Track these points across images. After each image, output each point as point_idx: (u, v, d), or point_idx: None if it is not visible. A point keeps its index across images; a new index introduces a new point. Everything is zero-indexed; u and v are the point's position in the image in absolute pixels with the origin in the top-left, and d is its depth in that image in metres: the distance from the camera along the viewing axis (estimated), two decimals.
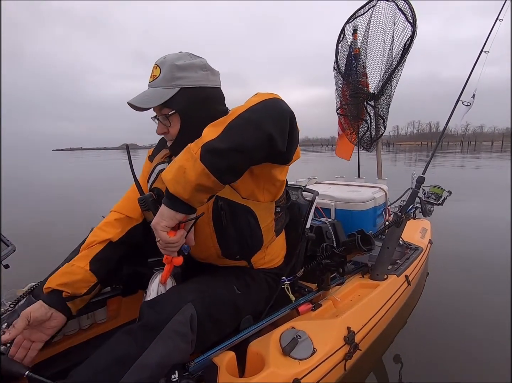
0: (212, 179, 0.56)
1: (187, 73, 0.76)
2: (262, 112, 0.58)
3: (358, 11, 1.99)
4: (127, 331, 0.66)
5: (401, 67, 1.78)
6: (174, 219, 0.60)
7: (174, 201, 0.59)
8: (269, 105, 0.60)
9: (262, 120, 0.57)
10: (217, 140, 0.56)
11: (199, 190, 0.57)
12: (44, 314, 0.73)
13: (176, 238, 0.62)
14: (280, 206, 0.90)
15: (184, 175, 0.56)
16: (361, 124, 2.16)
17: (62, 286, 0.76)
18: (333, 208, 1.50)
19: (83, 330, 1.05)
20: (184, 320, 0.67)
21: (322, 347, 0.86)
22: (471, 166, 10.73)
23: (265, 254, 0.93)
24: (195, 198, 0.59)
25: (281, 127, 0.59)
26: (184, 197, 0.58)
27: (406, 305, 1.50)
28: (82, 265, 0.80)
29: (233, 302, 0.82)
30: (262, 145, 0.57)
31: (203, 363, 0.75)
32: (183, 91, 0.76)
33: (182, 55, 0.79)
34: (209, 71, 0.79)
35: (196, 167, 0.55)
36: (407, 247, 1.69)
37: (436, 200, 1.42)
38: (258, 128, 0.56)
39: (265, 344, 0.82)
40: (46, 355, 0.93)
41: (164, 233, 0.61)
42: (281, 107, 0.60)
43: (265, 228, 0.85)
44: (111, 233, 0.85)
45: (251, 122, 0.57)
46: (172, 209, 0.59)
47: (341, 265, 0.98)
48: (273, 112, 0.59)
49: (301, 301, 1.03)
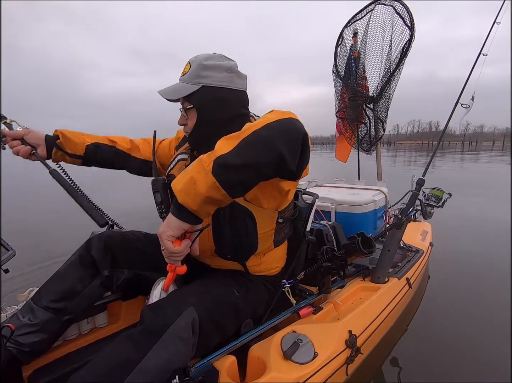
0: (222, 192, 0.57)
1: (211, 72, 0.80)
2: (277, 131, 0.59)
3: (356, 15, 2.01)
4: (127, 336, 0.66)
5: (399, 70, 1.79)
6: (180, 229, 0.61)
7: (181, 211, 0.59)
8: (283, 124, 0.60)
9: (275, 139, 0.58)
10: (230, 154, 0.57)
11: (208, 202, 0.58)
12: (39, 137, 0.95)
13: (181, 248, 0.63)
14: (284, 217, 0.89)
15: (194, 187, 0.57)
16: (360, 127, 2.17)
17: (61, 135, 0.96)
18: (333, 211, 1.50)
19: (83, 334, 1.05)
20: (185, 325, 0.67)
21: (323, 351, 0.86)
22: (473, 166, 10.72)
23: (260, 261, 0.92)
24: (203, 209, 0.59)
25: (293, 147, 0.60)
26: (192, 208, 0.58)
27: (407, 308, 1.50)
28: (87, 140, 1.00)
29: (233, 304, 0.82)
30: (273, 163, 0.58)
31: (204, 368, 0.75)
32: (204, 89, 0.80)
33: (213, 56, 0.83)
34: (234, 74, 0.82)
35: (207, 180, 0.56)
36: (408, 250, 1.69)
37: (436, 202, 1.42)
38: (271, 147, 0.57)
39: (266, 348, 0.82)
40: (46, 360, 0.92)
41: (170, 242, 0.62)
42: (295, 127, 0.61)
43: (263, 235, 0.85)
44: (122, 142, 1.06)
45: (265, 140, 0.58)
46: (179, 219, 0.60)
47: (341, 268, 0.98)
48: (287, 132, 0.60)
49: (302, 305, 1.02)
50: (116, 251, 0.93)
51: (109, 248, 0.93)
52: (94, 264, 0.91)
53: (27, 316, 0.81)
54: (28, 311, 0.83)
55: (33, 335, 0.79)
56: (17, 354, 0.77)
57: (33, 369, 0.89)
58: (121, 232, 1.00)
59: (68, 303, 0.85)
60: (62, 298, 0.85)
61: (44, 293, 0.85)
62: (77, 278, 0.88)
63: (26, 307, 0.85)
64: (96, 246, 0.91)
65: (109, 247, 0.93)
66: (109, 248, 0.93)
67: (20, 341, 0.77)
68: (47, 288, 0.86)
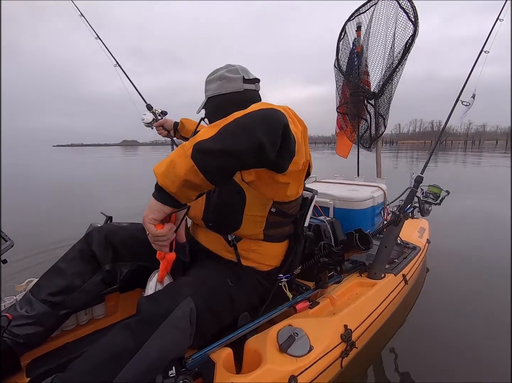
0: (200, 176, 0.57)
1: (209, 85, 0.96)
2: (257, 119, 0.60)
3: (359, 9, 1.98)
4: (124, 326, 0.66)
5: (402, 66, 1.77)
6: (161, 212, 0.61)
7: (162, 193, 0.60)
8: (265, 114, 0.61)
9: (254, 127, 0.58)
10: (209, 140, 0.58)
11: (186, 185, 0.58)
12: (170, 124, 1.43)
13: (163, 231, 0.63)
14: (280, 210, 0.88)
15: (174, 170, 0.57)
16: (361, 123, 2.15)
17: (181, 123, 1.40)
18: (332, 207, 1.50)
19: (81, 325, 1.06)
20: (182, 315, 0.68)
21: (319, 345, 0.87)
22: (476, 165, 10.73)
23: (250, 247, 0.91)
24: (182, 193, 0.60)
25: (273, 136, 0.61)
26: (171, 191, 0.59)
27: (403, 304, 1.51)
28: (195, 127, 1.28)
29: (228, 293, 0.83)
30: (252, 151, 0.59)
31: (200, 359, 0.76)
32: (208, 101, 0.97)
33: (217, 69, 0.97)
34: (224, 80, 0.93)
35: (186, 163, 0.57)
36: (405, 247, 1.70)
37: (434, 199, 1.42)
38: (250, 134, 0.58)
39: (262, 341, 0.83)
40: (44, 350, 0.93)
41: (152, 225, 0.62)
42: (276, 117, 0.61)
43: (250, 217, 0.86)
44: None
45: (244, 127, 0.59)
46: (159, 202, 0.60)
47: (339, 263, 0.98)
48: (267, 121, 0.60)
49: (299, 299, 1.03)
50: (117, 244, 0.93)
51: (110, 242, 0.93)
52: (94, 259, 0.91)
53: (24, 307, 0.82)
54: (25, 303, 0.83)
55: (28, 327, 0.80)
56: (11, 345, 0.77)
57: (31, 359, 0.90)
58: (121, 225, 1.00)
59: (66, 298, 0.86)
60: (60, 292, 0.85)
61: (43, 286, 0.85)
62: (77, 273, 0.88)
63: (24, 299, 0.85)
64: (96, 240, 0.91)
65: (110, 240, 0.93)
66: (110, 242, 0.93)
67: (15, 332, 0.78)
68: (46, 281, 0.87)
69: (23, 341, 0.79)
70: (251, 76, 0.96)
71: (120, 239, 0.94)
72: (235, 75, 0.93)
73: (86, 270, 0.89)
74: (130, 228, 0.99)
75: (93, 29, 1.57)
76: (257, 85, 0.98)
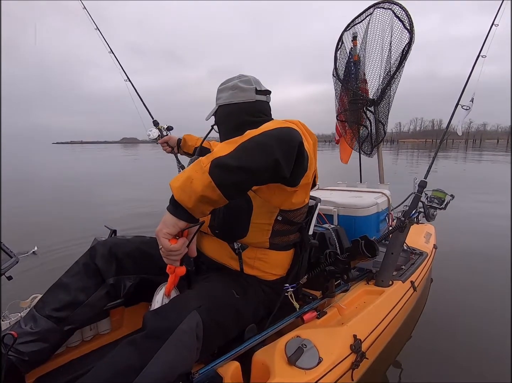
0: (217, 192, 0.58)
1: (221, 94, 0.99)
2: (273, 138, 0.61)
3: (355, 19, 2.02)
4: (130, 341, 0.65)
5: (399, 73, 1.79)
6: (176, 227, 0.62)
7: (177, 208, 0.61)
8: (281, 133, 0.63)
9: (271, 145, 0.60)
10: (227, 157, 0.59)
11: (203, 201, 0.60)
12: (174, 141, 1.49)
13: (177, 246, 0.64)
14: (286, 218, 0.88)
15: (191, 185, 0.59)
16: (361, 130, 2.16)
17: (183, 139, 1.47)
18: (336, 214, 1.49)
19: (86, 341, 1.04)
20: (189, 329, 0.67)
21: (328, 356, 0.85)
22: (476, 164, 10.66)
23: (255, 256, 0.91)
24: (198, 208, 0.61)
25: (288, 155, 0.63)
26: (187, 206, 0.60)
27: (412, 311, 1.48)
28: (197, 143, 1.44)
29: (234, 306, 0.82)
30: (268, 169, 0.60)
31: (208, 374, 0.74)
32: (219, 109, 0.99)
33: (230, 79, 1.00)
34: (236, 90, 0.96)
35: (203, 179, 0.58)
36: (412, 253, 1.67)
37: (439, 204, 1.41)
38: (267, 152, 0.60)
39: (270, 354, 0.81)
40: (49, 368, 0.92)
41: (166, 240, 0.62)
42: (292, 136, 0.63)
43: (256, 225, 0.87)
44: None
45: (261, 145, 0.60)
46: (174, 216, 0.61)
47: (345, 271, 0.97)
48: (283, 140, 0.62)
49: (306, 309, 1.02)
50: (121, 256, 0.93)
51: (114, 254, 0.92)
52: (98, 273, 0.90)
53: (29, 324, 0.81)
54: (30, 319, 0.83)
55: (33, 344, 0.79)
56: (16, 363, 0.76)
57: (36, 377, 0.89)
58: (126, 238, 1.00)
59: (71, 313, 0.85)
60: (64, 308, 0.84)
61: (47, 301, 0.85)
62: (81, 288, 0.88)
63: (28, 315, 0.84)
64: (100, 254, 0.91)
65: (114, 253, 0.93)
66: (114, 255, 0.93)
67: (20, 349, 0.77)
68: (50, 296, 0.86)
69: (28, 359, 0.78)
70: (263, 87, 0.99)
71: (124, 251, 0.94)
72: (248, 85, 0.96)
73: (90, 285, 0.89)
74: (134, 240, 0.99)
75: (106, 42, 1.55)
76: (268, 97, 1.01)
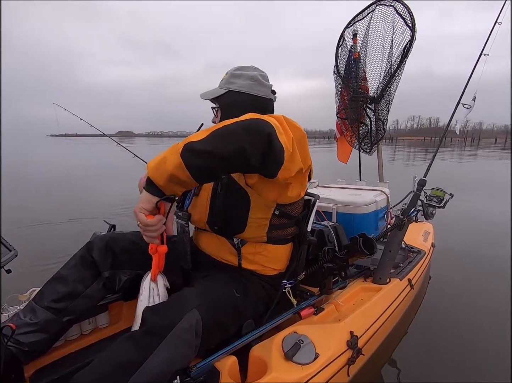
0: (186, 174, 0.62)
1: (237, 80, 0.95)
2: (243, 127, 0.64)
3: (357, 16, 2.01)
4: (129, 337, 0.66)
5: (400, 70, 1.78)
6: (150, 203, 0.66)
7: (150, 185, 0.66)
8: (250, 123, 0.65)
9: (239, 134, 0.63)
10: (199, 142, 0.63)
11: (173, 180, 0.64)
12: None
13: (154, 221, 0.67)
14: (283, 212, 0.90)
15: (164, 165, 0.63)
16: (361, 128, 2.16)
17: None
18: (335, 212, 1.49)
19: (84, 335, 1.05)
20: (188, 327, 0.68)
21: (324, 352, 0.86)
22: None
23: (255, 250, 0.92)
24: (168, 187, 0.65)
25: (256, 144, 0.64)
26: (159, 184, 0.64)
27: (409, 309, 1.49)
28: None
29: (234, 304, 0.83)
30: (234, 156, 0.63)
31: (205, 368, 0.75)
32: (229, 93, 0.95)
33: (246, 67, 0.99)
34: (256, 82, 0.95)
35: (175, 160, 0.62)
36: (410, 251, 1.68)
37: (438, 203, 1.41)
38: (234, 140, 0.63)
39: (267, 349, 0.82)
40: (48, 361, 0.93)
41: (143, 215, 0.66)
42: (260, 126, 0.65)
43: (254, 220, 0.88)
44: None
45: (230, 133, 0.64)
46: (148, 193, 0.66)
47: (343, 268, 0.97)
48: (251, 129, 0.64)
49: (303, 305, 1.02)
50: (117, 250, 0.94)
51: (110, 248, 0.93)
52: (94, 265, 0.91)
53: (28, 315, 0.82)
54: (29, 311, 0.83)
55: (33, 334, 0.80)
56: (16, 353, 0.77)
57: (35, 369, 0.89)
58: (123, 233, 1.01)
59: (69, 304, 0.86)
60: (63, 299, 0.85)
61: (45, 293, 0.86)
62: (78, 279, 0.88)
63: (27, 307, 0.85)
64: (97, 247, 0.92)
65: (111, 247, 0.93)
66: (110, 249, 0.93)
67: (20, 340, 0.78)
68: (49, 288, 0.87)
69: (28, 349, 0.79)
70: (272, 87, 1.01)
71: (121, 245, 0.95)
72: (266, 81, 0.97)
73: (87, 276, 0.90)
74: (131, 235, 1.00)
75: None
76: (275, 97, 1.02)
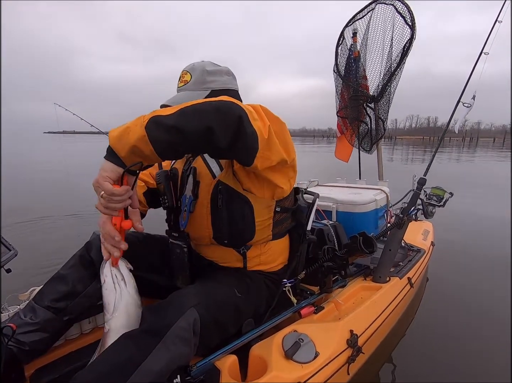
0: (149, 147, 0.59)
1: (216, 77, 0.90)
2: (213, 107, 0.62)
3: (357, 15, 2.00)
4: (129, 336, 0.66)
5: (400, 69, 1.78)
6: (115, 172, 0.62)
7: (112, 155, 0.62)
8: (221, 103, 0.63)
9: (208, 112, 0.61)
10: (166, 116, 0.60)
11: (135, 153, 0.60)
12: None
13: (121, 190, 0.62)
14: (282, 207, 0.91)
15: (127, 136, 0.60)
16: (361, 126, 2.16)
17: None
18: (335, 210, 1.49)
19: (84, 334, 1.05)
20: (187, 326, 0.67)
21: (324, 351, 0.86)
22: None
23: (260, 252, 0.93)
24: (130, 158, 0.61)
25: (224, 125, 0.62)
26: (120, 155, 0.61)
27: (409, 308, 1.49)
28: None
29: (235, 305, 0.82)
30: (200, 134, 0.61)
31: (205, 367, 0.75)
32: (213, 93, 0.89)
33: (208, 63, 0.92)
34: (231, 76, 0.94)
35: (139, 132, 0.59)
36: (410, 249, 1.68)
37: (438, 201, 1.41)
38: (202, 118, 0.60)
39: (267, 348, 0.82)
40: (48, 360, 0.93)
41: (108, 183, 0.61)
42: (231, 108, 0.63)
43: (260, 223, 0.88)
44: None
45: (198, 111, 0.61)
46: (112, 162, 0.62)
47: (343, 267, 0.97)
48: (220, 110, 0.62)
49: (303, 304, 1.02)
50: None
51: None
52: (93, 265, 0.91)
53: (28, 315, 0.82)
54: (29, 310, 0.83)
55: (33, 334, 0.80)
56: (17, 353, 0.77)
57: (35, 369, 0.89)
58: None
59: (69, 303, 0.86)
60: (63, 298, 0.85)
61: (45, 293, 0.86)
62: (78, 279, 0.88)
63: (28, 307, 0.85)
64: (96, 247, 0.92)
65: None
66: None
67: (20, 339, 0.78)
68: (49, 288, 0.87)
69: (28, 349, 0.79)
70: None
71: None
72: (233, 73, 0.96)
73: (86, 276, 0.89)
74: (130, 237, 0.99)
75: None
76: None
